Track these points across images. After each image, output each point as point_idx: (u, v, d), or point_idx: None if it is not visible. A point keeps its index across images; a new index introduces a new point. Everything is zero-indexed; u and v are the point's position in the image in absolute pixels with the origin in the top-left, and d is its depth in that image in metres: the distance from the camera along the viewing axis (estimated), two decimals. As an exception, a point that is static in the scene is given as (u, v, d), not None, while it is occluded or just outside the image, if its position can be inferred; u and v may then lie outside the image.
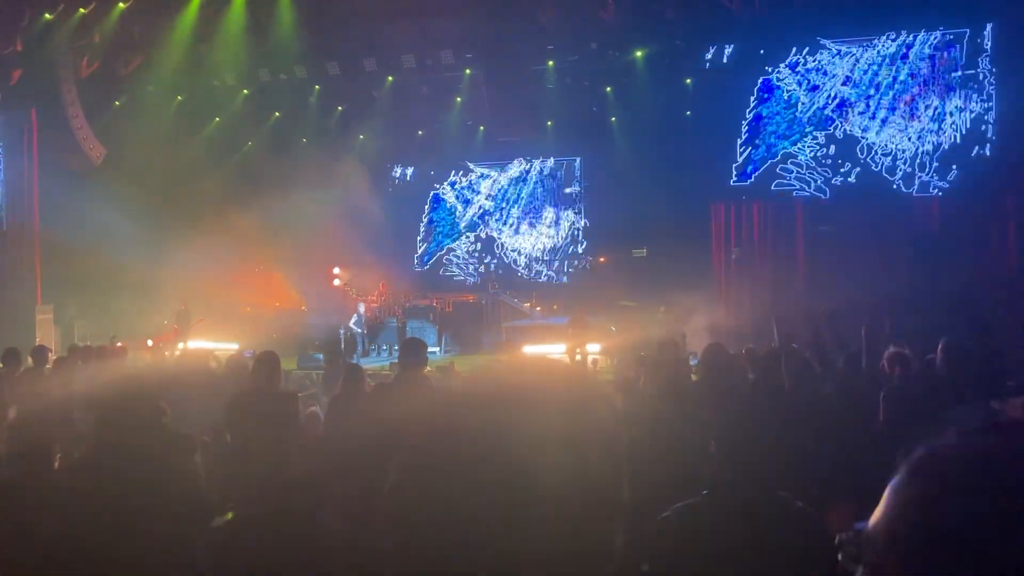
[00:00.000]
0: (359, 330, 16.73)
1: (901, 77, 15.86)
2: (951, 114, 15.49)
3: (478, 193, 21.51)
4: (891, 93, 15.95)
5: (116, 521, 2.75)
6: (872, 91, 16.08)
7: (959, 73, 15.46)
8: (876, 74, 16.02)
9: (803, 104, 16.54)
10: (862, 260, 14.36)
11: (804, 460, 4.06)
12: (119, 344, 10.99)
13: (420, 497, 0.90)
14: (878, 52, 16.02)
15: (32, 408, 5.37)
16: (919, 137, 15.71)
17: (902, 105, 15.86)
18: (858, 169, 16.12)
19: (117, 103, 18.47)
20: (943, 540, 0.72)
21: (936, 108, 15.61)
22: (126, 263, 15.89)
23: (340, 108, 20.08)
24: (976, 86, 15.37)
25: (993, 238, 15.29)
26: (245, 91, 19.25)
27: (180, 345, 15.23)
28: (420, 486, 0.91)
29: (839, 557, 0.84)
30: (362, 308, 17.30)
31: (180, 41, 16.62)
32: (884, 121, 15.97)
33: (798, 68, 16.55)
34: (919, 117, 15.73)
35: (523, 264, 21.12)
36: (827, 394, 4.84)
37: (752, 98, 16.85)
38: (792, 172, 16.59)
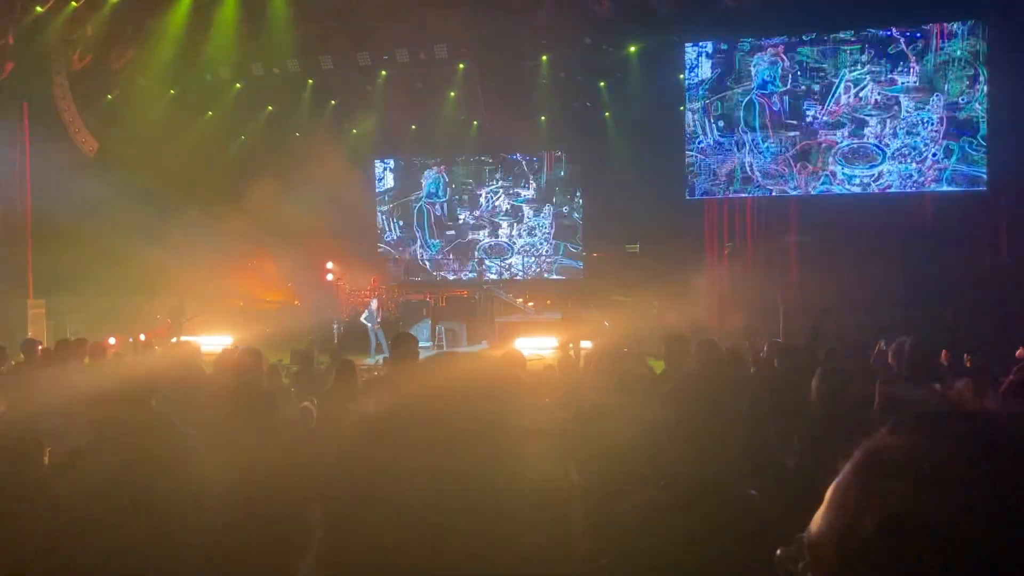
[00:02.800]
0: (370, 325, 16.21)
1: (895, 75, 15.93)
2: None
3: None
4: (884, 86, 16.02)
5: (111, 517, 2.74)
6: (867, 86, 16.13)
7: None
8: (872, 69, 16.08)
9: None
10: (854, 257, 14.42)
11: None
12: (112, 340, 10.96)
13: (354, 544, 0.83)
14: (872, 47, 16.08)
15: (22, 403, 5.34)
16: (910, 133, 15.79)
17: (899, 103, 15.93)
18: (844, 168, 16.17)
19: (110, 97, 18.39)
20: (909, 537, 0.68)
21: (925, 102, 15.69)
22: (119, 257, 15.85)
23: (333, 102, 20.04)
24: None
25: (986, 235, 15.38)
26: (238, 85, 19.20)
27: (173, 339, 15.21)
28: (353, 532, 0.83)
29: (779, 575, 0.77)
30: (374, 304, 16.73)
31: (173, 35, 16.54)
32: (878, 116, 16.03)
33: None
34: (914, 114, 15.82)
35: (518, 262, 21.12)
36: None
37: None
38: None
